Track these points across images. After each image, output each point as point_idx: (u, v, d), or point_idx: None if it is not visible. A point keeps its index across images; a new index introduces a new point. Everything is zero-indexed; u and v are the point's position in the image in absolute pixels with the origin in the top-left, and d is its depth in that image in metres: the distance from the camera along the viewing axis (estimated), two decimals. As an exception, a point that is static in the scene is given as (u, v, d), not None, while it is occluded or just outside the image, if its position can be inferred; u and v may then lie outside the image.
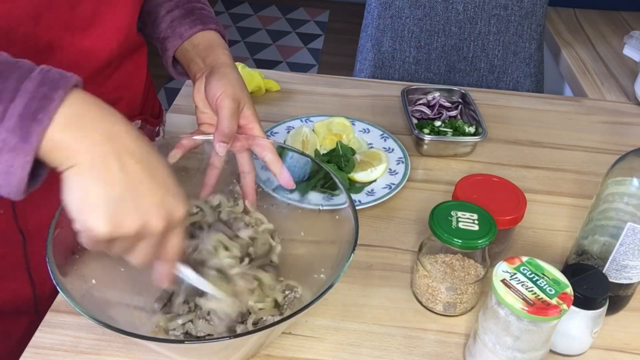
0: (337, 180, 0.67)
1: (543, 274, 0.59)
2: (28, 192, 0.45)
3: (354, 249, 0.59)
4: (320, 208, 0.70)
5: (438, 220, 0.67)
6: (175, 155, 0.69)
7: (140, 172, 0.46)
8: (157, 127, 0.86)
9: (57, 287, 0.53)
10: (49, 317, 0.68)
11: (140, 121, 0.80)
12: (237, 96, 0.68)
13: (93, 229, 0.45)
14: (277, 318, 0.62)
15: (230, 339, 0.53)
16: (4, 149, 0.43)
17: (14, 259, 0.72)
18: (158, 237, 0.49)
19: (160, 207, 0.47)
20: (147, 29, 0.79)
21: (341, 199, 0.66)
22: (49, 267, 0.54)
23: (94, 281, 0.59)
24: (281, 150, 0.72)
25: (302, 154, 0.72)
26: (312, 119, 1.02)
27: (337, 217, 0.67)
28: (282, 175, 0.69)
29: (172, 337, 0.60)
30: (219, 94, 0.67)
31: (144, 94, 0.81)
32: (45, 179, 0.48)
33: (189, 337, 0.61)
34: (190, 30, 0.75)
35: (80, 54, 0.66)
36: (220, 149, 0.66)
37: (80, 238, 0.47)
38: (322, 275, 0.65)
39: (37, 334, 0.66)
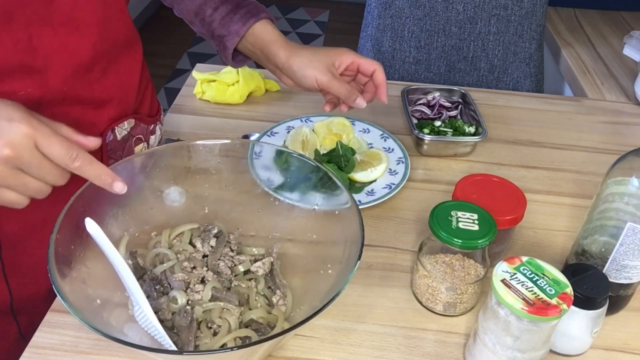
0: (338, 182, 0.67)
1: (543, 274, 0.59)
2: None
3: (360, 252, 0.58)
4: (316, 207, 0.70)
5: (438, 220, 0.67)
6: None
7: None
8: (152, 125, 0.84)
9: (58, 295, 0.53)
10: (49, 317, 0.68)
11: (133, 120, 0.79)
12: (327, 67, 0.82)
13: None
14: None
15: (232, 350, 0.53)
16: None
17: None
18: (33, 160, 0.52)
19: None
20: (195, 27, 0.81)
21: (342, 198, 0.66)
22: (50, 277, 0.53)
23: (89, 289, 0.59)
24: (280, 154, 0.72)
25: (300, 155, 0.72)
26: (312, 119, 1.02)
27: (337, 212, 0.66)
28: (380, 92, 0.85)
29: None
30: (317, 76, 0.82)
31: (139, 94, 0.79)
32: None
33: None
34: (244, 27, 0.81)
35: (63, 50, 0.65)
36: (361, 102, 0.83)
37: None
38: (329, 272, 0.64)
39: (37, 333, 0.66)
